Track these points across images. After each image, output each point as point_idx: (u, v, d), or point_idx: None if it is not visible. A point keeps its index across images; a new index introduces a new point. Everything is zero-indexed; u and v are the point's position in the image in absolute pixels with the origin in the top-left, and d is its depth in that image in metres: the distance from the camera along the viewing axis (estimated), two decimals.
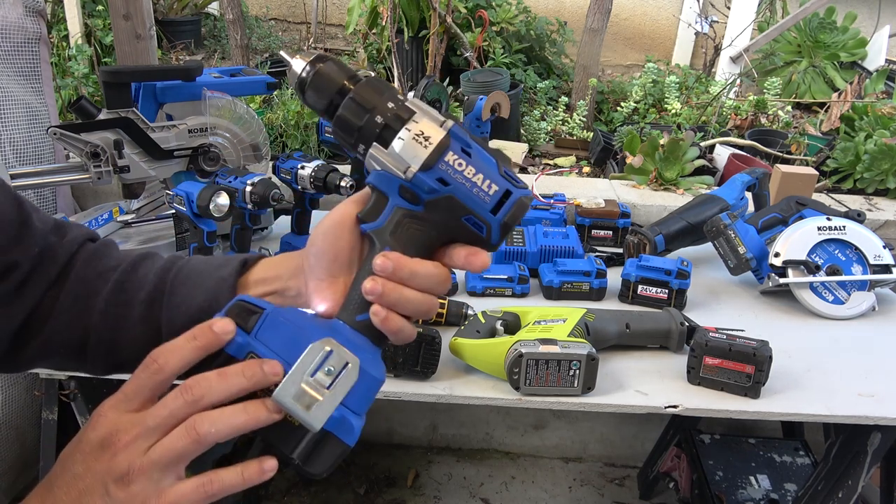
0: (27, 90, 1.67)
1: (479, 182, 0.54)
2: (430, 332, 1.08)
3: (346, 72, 0.56)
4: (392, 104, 0.54)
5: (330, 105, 0.55)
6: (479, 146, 0.55)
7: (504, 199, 0.54)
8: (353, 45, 3.91)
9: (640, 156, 2.01)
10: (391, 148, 0.54)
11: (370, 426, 2.25)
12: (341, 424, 0.52)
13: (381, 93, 0.55)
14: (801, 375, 1.16)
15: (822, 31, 3.58)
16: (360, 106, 0.54)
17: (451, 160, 0.53)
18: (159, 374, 0.50)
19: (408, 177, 0.53)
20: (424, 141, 0.53)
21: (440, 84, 1.52)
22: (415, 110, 0.54)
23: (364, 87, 0.55)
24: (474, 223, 0.55)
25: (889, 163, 1.99)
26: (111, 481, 0.47)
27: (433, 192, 0.54)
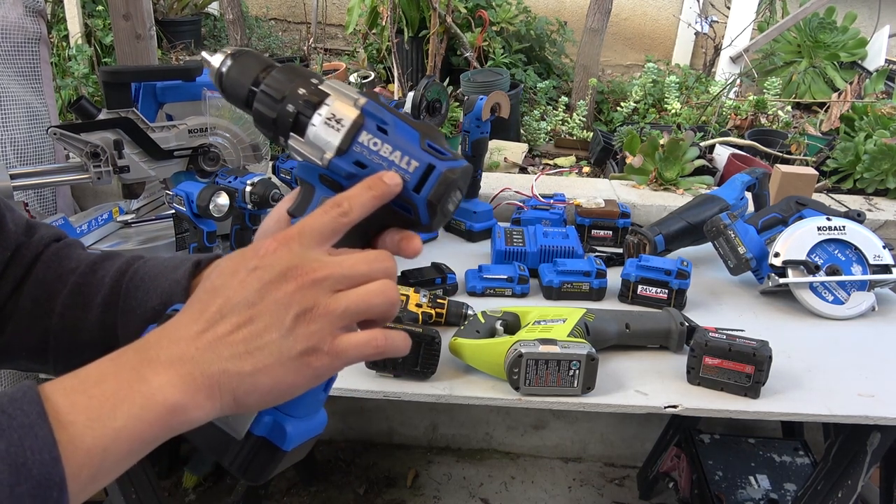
0: (27, 90, 1.67)
1: (396, 160, 0.51)
2: (429, 332, 1.08)
3: (261, 63, 0.54)
4: (303, 90, 0.52)
5: (248, 97, 0.54)
6: (399, 120, 0.52)
7: (427, 174, 0.51)
8: (353, 45, 3.92)
9: (640, 156, 2.01)
10: (306, 136, 0.52)
11: (370, 426, 2.25)
12: (273, 429, 0.49)
13: (291, 80, 0.52)
14: (801, 375, 1.16)
15: (822, 31, 3.58)
16: (271, 97, 0.52)
17: (366, 140, 0.51)
18: (345, 217, 0.49)
19: (325, 164, 0.51)
20: (336, 124, 0.51)
21: (440, 84, 1.52)
22: (328, 92, 0.52)
23: (274, 78, 0.53)
24: (400, 205, 0.52)
25: (889, 163, 1.99)
26: (294, 313, 0.46)
27: (352, 177, 0.51)
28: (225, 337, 0.45)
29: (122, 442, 0.42)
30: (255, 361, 0.45)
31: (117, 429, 0.42)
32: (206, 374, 0.44)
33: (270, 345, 0.45)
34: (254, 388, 0.45)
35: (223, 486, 2.07)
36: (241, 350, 0.45)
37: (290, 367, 0.45)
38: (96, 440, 0.41)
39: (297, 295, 0.46)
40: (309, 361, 0.46)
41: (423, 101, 1.46)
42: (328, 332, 0.46)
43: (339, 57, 3.78)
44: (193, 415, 0.44)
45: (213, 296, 0.47)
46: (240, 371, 0.45)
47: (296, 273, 0.46)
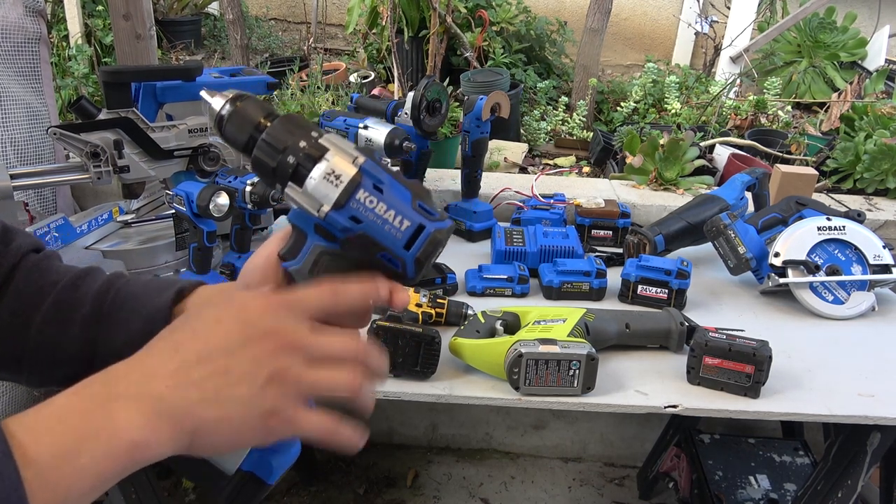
0: (27, 90, 1.68)
1: (390, 218, 0.54)
2: (429, 332, 1.08)
3: (263, 110, 0.56)
4: (304, 143, 0.54)
5: (248, 143, 0.55)
6: (394, 180, 0.55)
7: (417, 234, 0.54)
8: (353, 45, 3.92)
9: (640, 156, 2.01)
10: (304, 187, 0.54)
11: (370, 426, 2.25)
12: (260, 464, 0.53)
13: (293, 132, 0.54)
14: (801, 375, 1.16)
15: (822, 31, 3.58)
16: (273, 147, 0.54)
17: (363, 198, 0.53)
18: (336, 304, 0.52)
19: (321, 215, 0.54)
20: (335, 180, 0.53)
21: (440, 84, 1.51)
22: (328, 147, 0.54)
23: (276, 128, 0.55)
24: (389, 259, 0.55)
25: (889, 163, 1.99)
26: (267, 373, 0.47)
27: (347, 231, 0.54)
28: (198, 381, 0.46)
29: (87, 478, 0.43)
30: (221, 410, 0.46)
31: (82, 465, 0.42)
32: (172, 413, 0.45)
33: (240, 398, 0.47)
34: (213, 434, 0.47)
35: None
36: (210, 396, 0.46)
37: (251, 423, 0.47)
38: (62, 478, 0.42)
39: (274, 356, 0.48)
40: (269, 422, 0.48)
41: (423, 101, 1.46)
42: (293, 399, 0.49)
43: (339, 57, 3.78)
44: (155, 451, 0.45)
45: (192, 338, 0.48)
46: (204, 416, 0.46)
47: (278, 336, 0.48)
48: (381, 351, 0.55)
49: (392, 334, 1.07)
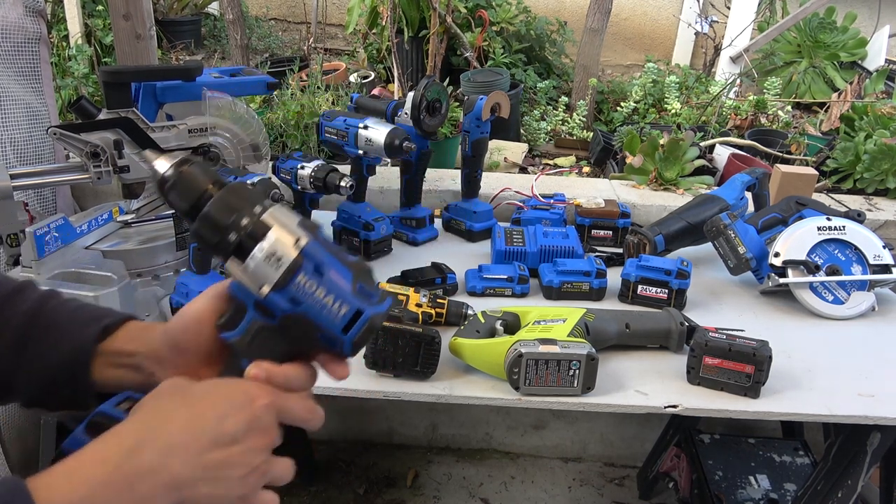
0: (27, 90, 1.67)
1: (329, 303, 0.55)
2: (429, 332, 1.08)
3: (208, 178, 0.55)
4: (247, 220, 0.54)
5: (190, 212, 0.55)
6: (336, 261, 0.56)
7: (355, 318, 0.56)
8: (353, 45, 3.92)
9: (640, 156, 2.01)
10: (245, 266, 0.54)
11: (370, 426, 2.25)
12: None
13: (236, 207, 0.54)
14: (801, 375, 1.16)
15: (822, 31, 3.58)
16: (215, 222, 0.54)
17: (303, 281, 0.54)
18: (309, 422, 0.60)
19: (261, 295, 0.54)
20: (276, 262, 0.54)
21: (440, 84, 1.51)
22: (270, 224, 0.54)
23: (219, 202, 0.54)
24: (327, 339, 0.56)
25: (889, 163, 1.99)
26: (257, 462, 0.54)
27: (286, 311, 0.55)
28: (208, 464, 0.52)
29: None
30: (215, 489, 0.52)
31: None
32: (181, 486, 0.51)
33: (232, 481, 0.53)
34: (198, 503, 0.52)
35: None
36: (211, 476, 0.52)
37: (229, 501, 0.53)
38: None
39: (264, 450, 0.55)
40: (240, 501, 0.54)
41: (423, 101, 1.46)
42: (259, 486, 0.55)
43: (339, 57, 3.78)
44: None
45: (211, 419, 0.53)
46: (202, 491, 0.52)
47: (269, 434, 0.55)
48: None
49: (392, 334, 1.07)
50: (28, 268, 1.23)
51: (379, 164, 1.56)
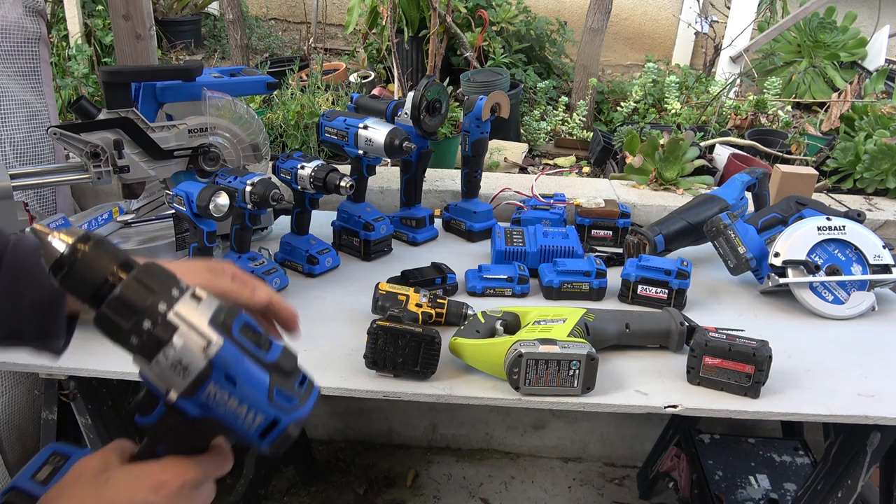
0: (27, 90, 1.67)
1: (242, 413, 0.51)
2: (429, 332, 1.08)
3: (112, 260, 0.51)
4: (149, 322, 0.49)
5: (90, 300, 0.51)
6: (252, 364, 0.51)
7: (271, 427, 0.52)
8: (353, 45, 3.92)
9: (640, 156, 2.01)
10: (150, 367, 0.50)
11: (370, 426, 2.25)
12: None
13: (136, 308, 0.49)
14: (801, 375, 1.16)
15: (822, 31, 3.58)
16: (113, 325, 0.49)
17: (212, 392, 0.50)
18: None
19: (169, 400, 0.51)
20: (183, 371, 0.49)
21: (440, 84, 1.51)
22: (177, 325, 0.49)
23: (120, 297, 0.49)
24: (243, 440, 0.53)
25: (889, 163, 1.99)
26: None
27: (196, 415, 0.52)
28: None
29: None
30: None
31: None
32: None
33: None
34: None
35: (223, 486, 2.07)
36: None
37: None
38: None
39: None
40: None
41: (423, 101, 1.46)
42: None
43: (339, 57, 3.78)
44: None
45: None
46: None
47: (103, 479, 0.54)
48: None
49: (392, 334, 1.07)
50: None
51: (379, 164, 1.56)
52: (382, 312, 1.21)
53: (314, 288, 1.40)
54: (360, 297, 1.34)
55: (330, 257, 1.47)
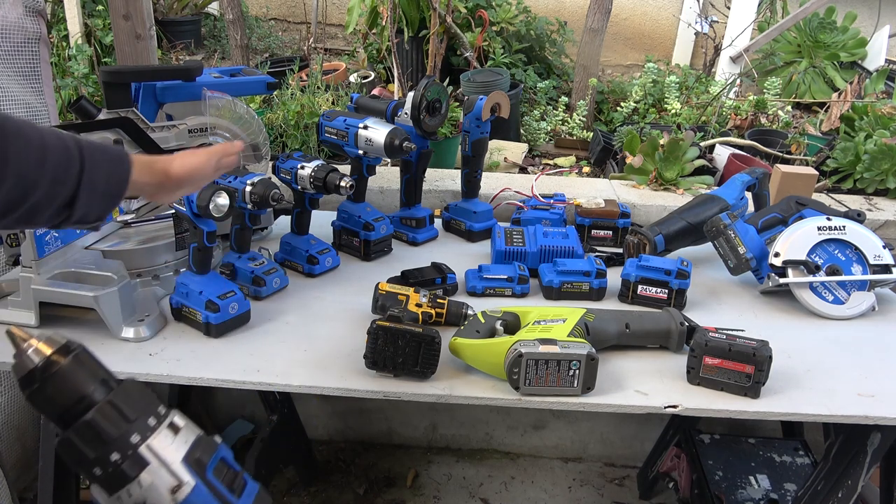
0: (27, 90, 1.67)
1: None
2: (429, 332, 1.08)
3: (91, 379, 0.47)
4: (117, 455, 0.45)
5: (59, 419, 0.47)
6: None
7: None
8: (353, 45, 3.92)
9: (640, 156, 2.01)
10: (110, 502, 0.47)
11: (370, 426, 2.25)
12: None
13: (106, 437, 0.46)
14: (801, 375, 1.16)
15: (822, 31, 3.58)
16: (78, 452, 0.46)
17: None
18: None
19: None
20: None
21: (440, 84, 1.51)
22: (148, 461, 0.46)
23: (89, 425, 0.46)
24: None
25: (889, 163, 1.99)
26: None
27: None
28: None
29: None
30: None
31: None
32: None
33: None
34: None
35: None
36: None
37: None
38: None
39: None
40: None
41: (423, 101, 1.46)
42: None
43: (339, 57, 3.78)
44: None
45: None
46: None
47: None
48: None
49: (392, 334, 1.07)
50: (28, 268, 1.23)
51: (379, 164, 1.56)
52: (382, 312, 1.21)
53: (314, 288, 1.40)
54: (360, 297, 1.34)
55: (330, 257, 1.47)
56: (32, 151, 0.68)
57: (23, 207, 0.69)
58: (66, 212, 0.74)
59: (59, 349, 0.47)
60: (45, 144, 0.69)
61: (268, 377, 1.10)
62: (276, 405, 1.88)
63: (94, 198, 0.75)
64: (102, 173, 0.75)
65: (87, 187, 0.73)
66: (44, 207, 0.71)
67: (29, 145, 0.68)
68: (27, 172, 0.67)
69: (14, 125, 0.68)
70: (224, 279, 1.26)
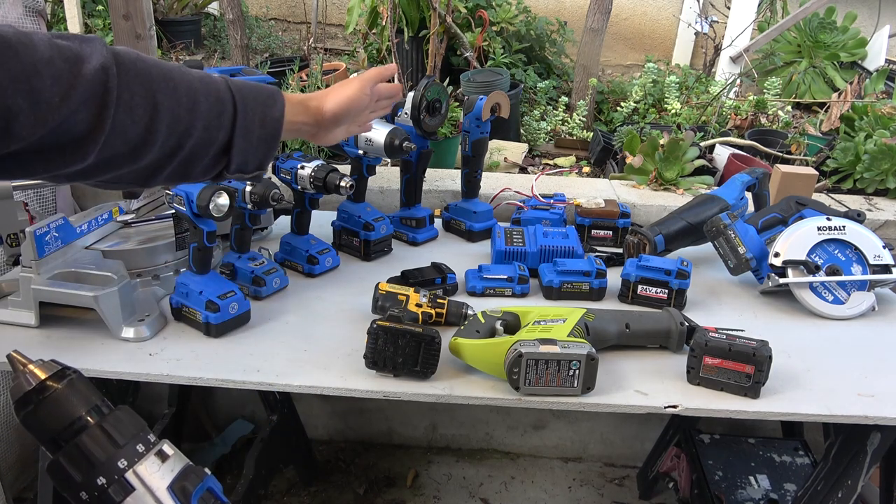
0: None
1: None
2: (429, 332, 1.08)
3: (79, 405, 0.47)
4: (103, 479, 0.46)
5: (50, 442, 0.48)
6: None
7: None
8: (353, 45, 3.92)
9: (640, 156, 2.01)
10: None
11: (370, 426, 2.25)
12: None
13: (93, 460, 0.46)
14: (801, 375, 1.16)
15: (822, 31, 3.58)
16: (66, 475, 0.46)
17: None
18: None
19: None
20: None
21: (440, 84, 1.51)
22: (134, 487, 0.46)
23: (78, 448, 0.46)
24: None
25: (889, 163, 1.99)
26: None
27: None
28: None
29: None
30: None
31: None
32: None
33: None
34: None
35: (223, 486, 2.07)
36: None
37: None
38: None
39: None
40: None
41: (423, 101, 1.46)
42: None
43: (339, 57, 3.78)
44: None
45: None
46: None
47: None
48: None
49: (392, 334, 1.07)
50: (28, 268, 1.23)
51: (379, 164, 1.56)
52: (382, 312, 1.21)
53: (314, 288, 1.40)
54: (360, 297, 1.34)
55: (330, 257, 1.47)
56: (182, 97, 0.65)
57: (178, 156, 0.66)
58: (223, 160, 0.71)
59: (55, 374, 0.47)
60: (195, 88, 0.66)
61: (268, 377, 1.10)
62: (276, 405, 1.88)
63: (249, 142, 0.72)
64: (256, 115, 0.72)
65: (241, 131, 0.70)
66: (200, 156, 0.68)
67: (178, 90, 0.65)
68: (179, 119, 0.64)
69: (160, 71, 0.64)
70: (224, 279, 1.26)
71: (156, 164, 0.65)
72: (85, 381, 0.50)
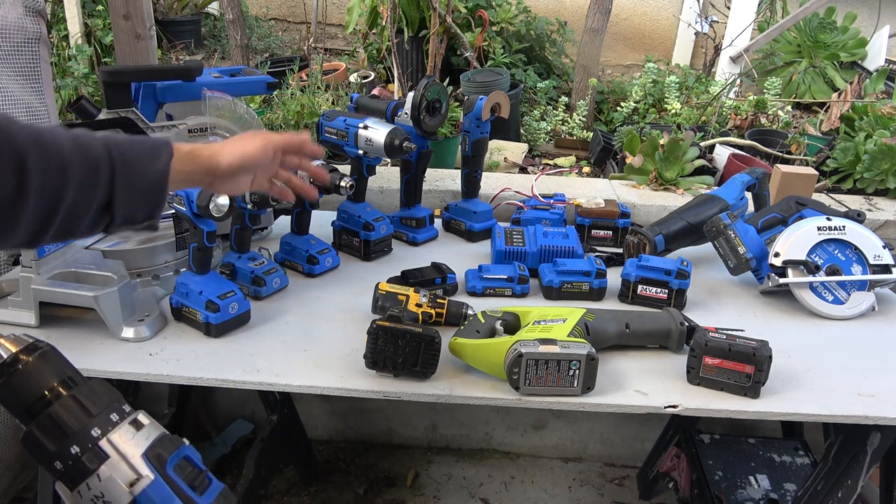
0: (27, 90, 1.67)
1: None
2: (429, 332, 1.08)
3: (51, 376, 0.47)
4: (77, 448, 0.46)
5: (23, 413, 0.48)
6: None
7: None
8: (353, 45, 3.92)
9: (640, 156, 2.01)
10: (73, 496, 0.47)
11: (370, 426, 2.25)
12: None
13: (67, 430, 0.46)
14: (801, 375, 1.16)
15: (822, 31, 3.59)
16: (40, 444, 0.46)
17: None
18: None
19: None
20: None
21: (440, 84, 1.51)
22: (108, 454, 0.46)
23: (50, 418, 0.46)
24: None
25: (889, 163, 1.99)
26: None
27: None
28: None
29: None
30: None
31: None
32: None
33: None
34: None
35: None
36: None
37: None
38: None
39: None
40: None
41: (423, 101, 1.46)
42: None
43: (339, 57, 3.78)
44: None
45: None
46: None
47: None
48: None
49: (392, 334, 1.07)
50: (28, 267, 1.23)
51: (379, 164, 1.56)
52: (382, 312, 1.21)
53: (314, 288, 1.40)
54: (360, 297, 1.34)
55: (330, 257, 1.47)
56: (53, 159, 0.65)
57: (57, 218, 0.66)
58: (107, 216, 0.71)
59: (26, 347, 0.48)
60: (66, 150, 0.66)
61: (268, 377, 1.10)
62: (276, 405, 1.88)
63: (132, 196, 0.71)
64: (138, 169, 0.72)
65: (121, 187, 0.69)
66: (80, 214, 0.68)
67: (48, 152, 0.65)
68: (49, 182, 0.64)
69: (30, 134, 0.65)
70: (224, 279, 1.26)
71: (36, 225, 0.65)
72: (57, 354, 0.50)
